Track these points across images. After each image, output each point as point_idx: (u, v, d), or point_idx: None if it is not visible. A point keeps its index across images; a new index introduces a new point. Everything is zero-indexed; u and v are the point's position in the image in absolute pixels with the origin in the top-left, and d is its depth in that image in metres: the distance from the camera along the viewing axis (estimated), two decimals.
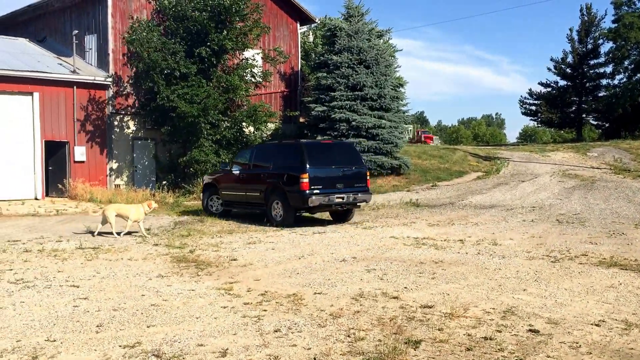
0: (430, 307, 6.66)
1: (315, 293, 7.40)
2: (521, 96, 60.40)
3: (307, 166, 13.97)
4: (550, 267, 8.83)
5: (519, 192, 20.44)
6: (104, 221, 12.72)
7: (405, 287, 7.64)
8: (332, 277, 8.34)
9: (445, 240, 11.58)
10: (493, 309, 6.61)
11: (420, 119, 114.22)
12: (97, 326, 6.08)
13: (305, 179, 13.88)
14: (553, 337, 5.69)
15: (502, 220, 14.48)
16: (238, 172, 16.13)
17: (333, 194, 14.23)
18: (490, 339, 5.61)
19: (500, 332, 5.83)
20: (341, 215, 15.33)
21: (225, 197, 16.45)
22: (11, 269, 9.02)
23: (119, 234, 12.58)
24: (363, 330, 5.86)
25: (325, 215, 15.85)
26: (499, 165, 27.12)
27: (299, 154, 14.26)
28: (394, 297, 7.11)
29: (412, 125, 54.04)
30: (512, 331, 5.85)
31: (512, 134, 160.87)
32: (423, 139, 54.01)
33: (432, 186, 23.10)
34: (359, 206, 15.50)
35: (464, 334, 5.76)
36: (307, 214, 15.67)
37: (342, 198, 14.33)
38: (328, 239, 11.89)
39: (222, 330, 5.91)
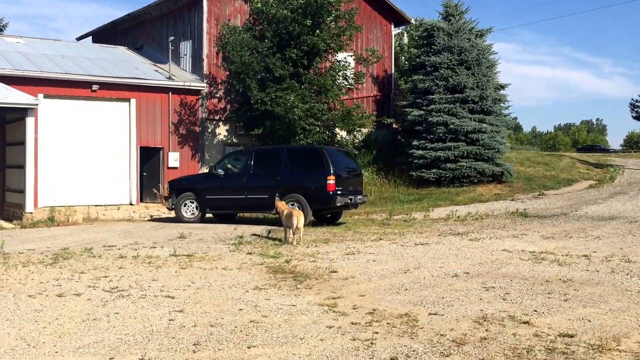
0: (571, 337, 5.63)
1: (430, 313, 6.54)
2: (632, 99, 56.06)
3: (332, 168, 14.81)
4: None
5: None
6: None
7: (535, 311, 6.62)
8: (446, 295, 7.44)
9: (566, 255, 10.36)
10: None
11: (514, 125, 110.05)
12: (194, 344, 5.51)
13: (331, 181, 14.77)
14: None
15: (627, 234, 12.97)
16: (229, 175, 16.17)
17: (347, 195, 15.28)
18: None
19: None
20: (326, 217, 16.14)
21: (213, 201, 16.23)
22: (106, 276, 8.75)
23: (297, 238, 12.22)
24: None
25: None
26: (613, 173, 25.11)
27: (322, 157, 15.08)
28: (525, 322, 6.13)
29: None
30: None
31: (615, 140, 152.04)
32: None
33: (539, 195, 21.55)
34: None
35: None
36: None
37: (351, 199, 15.38)
38: (433, 251, 10.96)
39: (331, 356, 5.18)
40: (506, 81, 28.24)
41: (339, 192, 14.92)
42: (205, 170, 23.45)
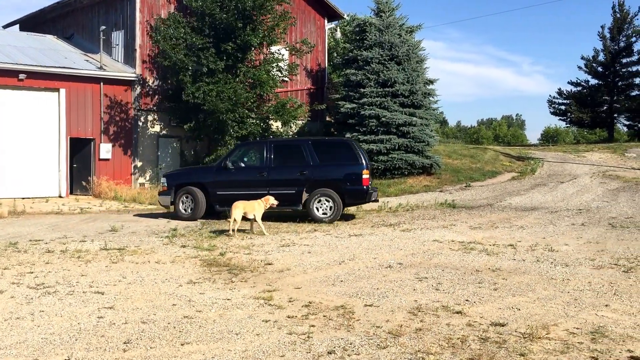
0: (502, 326, 5.80)
1: (365, 305, 6.59)
2: (550, 95, 58.67)
3: (364, 162, 14.32)
4: (625, 278, 7.90)
5: (560, 193, 19.44)
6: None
7: (466, 300, 6.79)
8: (381, 286, 7.52)
9: (494, 245, 10.69)
10: (577, 328, 5.73)
11: (441, 120, 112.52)
12: (125, 343, 5.33)
13: (366, 175, 14.24)
14: None
15: (549, 224, 13.53)
16: (245, 169, 15.17)
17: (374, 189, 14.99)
18: None
19: (596, 359, 4.95)
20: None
21: (226, 197, 14.27)
22: (32, 272, 8.35)
23: (233, 231, 12.14)
24: (432, 353, 5.03)
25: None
26: (534, 166, 26.09)
27: (354, 150, 14.54)
28: (457, 312, 6.27)
29: None
30: (610, 358, 4.97)
31: (532, 134, 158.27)
32: None
33: (466, 186, 22.17)
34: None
35: None
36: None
37: (373, 193, 14.99)
38: (367, 242, 11.07)
39: (267, 351, 5.13)
40: (434, 77, 28.66)
41: (371, 187, 14.59)
42: (138, 161, 22.90)
